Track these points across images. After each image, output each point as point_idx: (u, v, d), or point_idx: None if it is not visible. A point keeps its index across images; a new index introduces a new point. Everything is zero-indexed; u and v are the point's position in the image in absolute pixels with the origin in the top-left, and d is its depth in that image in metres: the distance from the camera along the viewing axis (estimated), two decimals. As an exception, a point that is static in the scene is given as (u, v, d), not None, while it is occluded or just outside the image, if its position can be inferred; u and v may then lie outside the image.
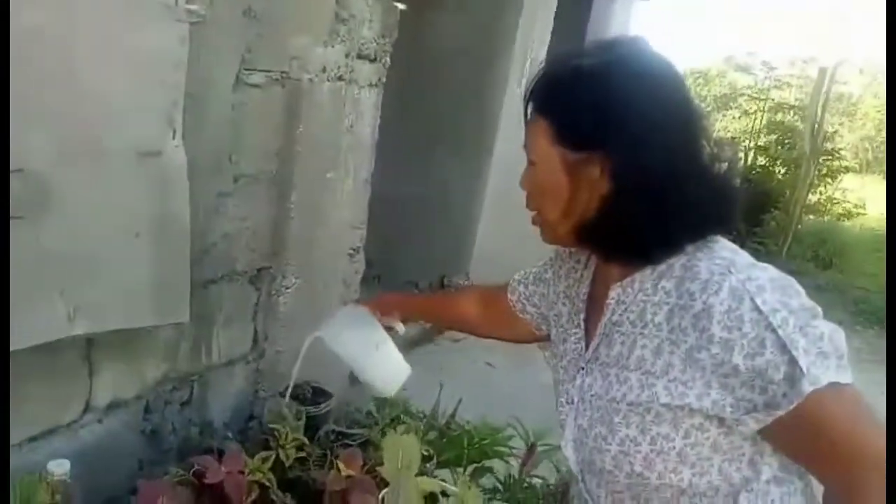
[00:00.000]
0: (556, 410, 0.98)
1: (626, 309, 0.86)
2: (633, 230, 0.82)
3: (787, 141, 7.95)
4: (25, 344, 1.09)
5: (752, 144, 8.11)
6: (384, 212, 2.72)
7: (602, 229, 0.84)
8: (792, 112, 8.25)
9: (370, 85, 1.81)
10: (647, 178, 0.80)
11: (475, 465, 1.69)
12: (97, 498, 1.26)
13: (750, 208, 6.68)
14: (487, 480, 1.67)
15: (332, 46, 1.64)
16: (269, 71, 1.50)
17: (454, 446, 1.72)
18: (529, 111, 0.88)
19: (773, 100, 8.44)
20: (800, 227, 7.30)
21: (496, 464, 1.74)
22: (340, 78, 1.69)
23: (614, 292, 0.87)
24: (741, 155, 7.08)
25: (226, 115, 1.42)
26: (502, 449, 1.77)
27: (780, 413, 0.74)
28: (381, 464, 1.15)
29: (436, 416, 1.87)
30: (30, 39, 0.99)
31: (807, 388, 0.72)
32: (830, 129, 7.94)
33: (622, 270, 0.87)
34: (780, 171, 7.94)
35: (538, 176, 0.87)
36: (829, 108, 7.63)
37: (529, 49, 3.85)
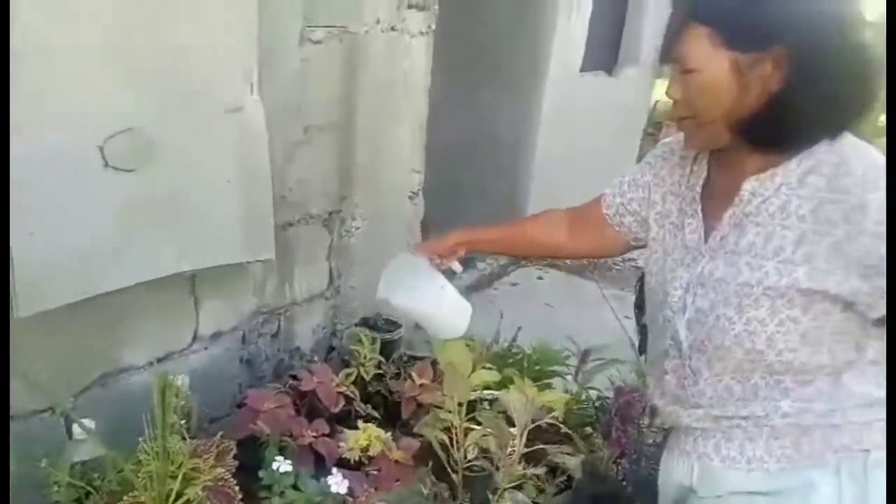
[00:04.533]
0: (657, 301, 1.05)
1: (764, 201, 0.90)
2: (803, 120, 0.86)
3: None
4: (145, 278, 1.29)
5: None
6: (439, 158, 2.84)
7: (769, 123, 0.87)
8: None
9: (421, 33, 1.91)
10: (821, 70, 0.84)
11: (536, 384, 1.84)
12: (205, 415, 1.48)
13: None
14: (547, 397, 1.81)
15: (384, -1, 1.75)
16: (329, 26, 1.63)
17: (515, 367, 1.87)
18: (679, 21, 0.90)
19: None
20: None
21: (557, 383, 1.87)
22: (393, 28, 1.80)
23: (749, 185, 0.91)
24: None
25: (294, 71, 1.56)
26: (560, 368, 1.91)
27: None
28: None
29: (497, 341, 2.02)
30: (127, 15, 1.15)
31: None
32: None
33: (758, 165, 0.91)
34: None
35: (699, 82, 0.89)
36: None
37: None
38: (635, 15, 4.68)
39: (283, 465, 1.08)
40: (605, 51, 4.53)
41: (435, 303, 1.30)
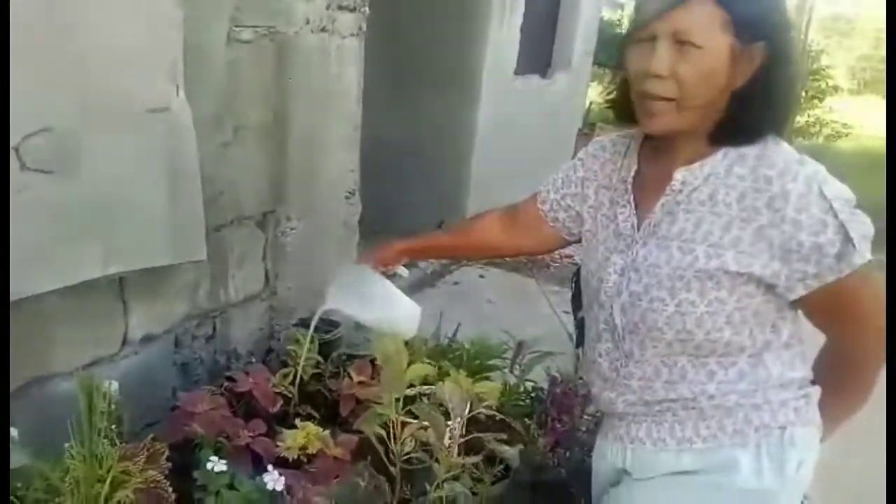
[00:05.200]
0: (592, 288, 1.10)
1: (693, 189, 0.97)
2: (759, 115, 0.93)
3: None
4: (69, 282, 1.25)
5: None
6: (375, 163, 2.84)
7: (739, 112, 0.93)
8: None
9: (352, 34, 1.92)
10: (786, 69, 0.92)
11: (475, 377, 1.88)
12: (138, 422, 1.44)
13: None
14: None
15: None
16: (256, 26, 1.62)
17: (455, 362, 1.90)
18: None
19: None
20: (790, 149, 7.41)
21: (497, 377, 1.91)
22: (323, 29, 1.81)
23: (679, 175, 0.98)
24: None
25: (222, 71, 1.55)
26: (498, 361, 1.95)
27: (831, 279, 0.91)
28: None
29: (438, 337, 2.05)
30: (47, 12, 1.12)
31: (858, 260, 0.90)
32: (816, 49, 7.95)
33: (687, 156, 0.98)
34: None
35: (699, 61, 0.89)
36: (819, 27, 7.66)
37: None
38: (567, 18, 4.82)
39: (217, 465, 1.08)
40: (539, 54, 4.65)
41: (384, 308, 1.34)
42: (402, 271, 1.39)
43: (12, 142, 1.11)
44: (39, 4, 1.11)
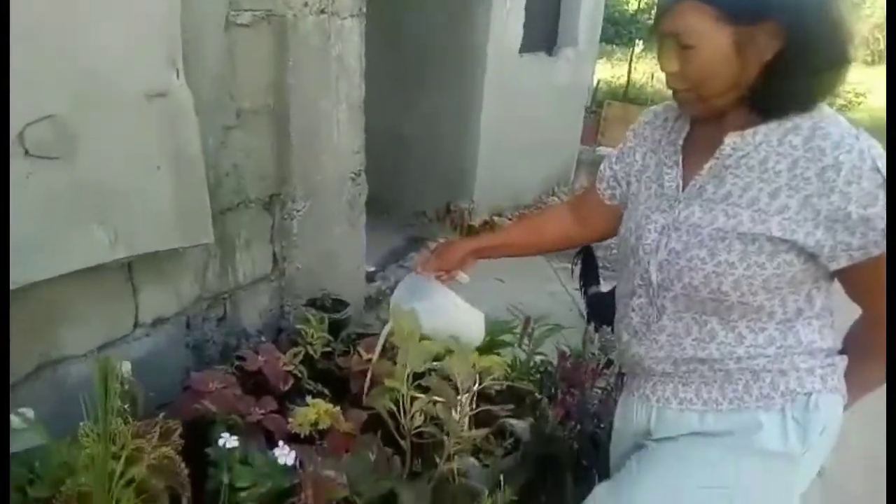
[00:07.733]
0: (630, 246, 1.09)
1: (744, 155, 0.97)
2: (798, 87, 0.92)
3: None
4: (75, 267, 1.27)
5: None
6: (382, 145, 2.82)
7: (766, 91, 0.93)
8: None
9: (352, 15, 1.91)
10: (811, 39, 0.89)
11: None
12: (152, 401, 1.47)
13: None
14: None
15: (312, -20, 1.74)
16: (254, 10, 1.62)
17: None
18: None
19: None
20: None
21: (508, 353, 1.92)
22: (322, 11, 1.80)
23: (731, 140, 0.97)
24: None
25: (221, 55, 1.55)
26: (507, 338, 1.96)
27: (875, 253, 0.91)
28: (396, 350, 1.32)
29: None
30: (43, 4, 1.13)
31: None
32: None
33: (739, 122, 0.97)
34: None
35: (699, 57, 0.93)
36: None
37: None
38: (571, -6, 4.75)
39: (229, 441, 1.09)
40: (544, 32, 4.59)
41: (450, 319, 1.32)
42: (464, 278, 1.32)
43: (15, 129, 1.12)
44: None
